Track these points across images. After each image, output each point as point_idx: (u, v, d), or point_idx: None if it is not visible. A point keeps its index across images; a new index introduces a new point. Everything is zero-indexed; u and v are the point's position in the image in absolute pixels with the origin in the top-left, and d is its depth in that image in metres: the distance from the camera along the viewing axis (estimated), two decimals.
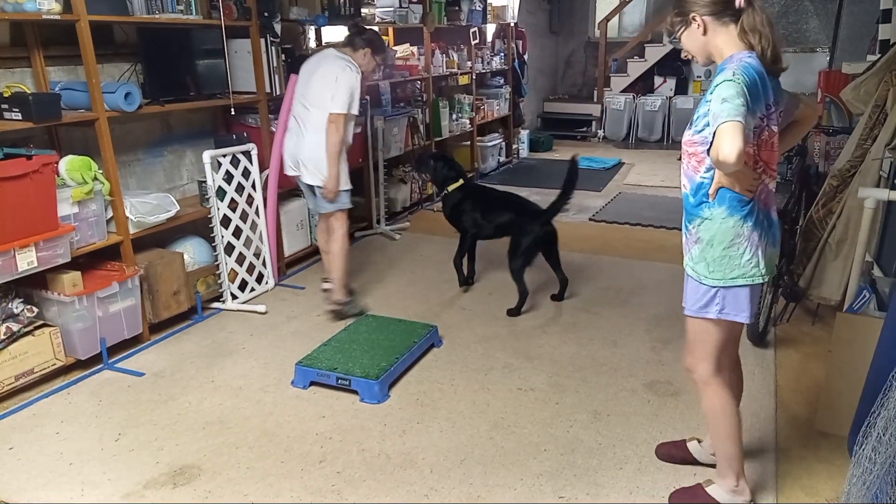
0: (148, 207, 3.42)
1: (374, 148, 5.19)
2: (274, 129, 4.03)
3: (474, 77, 6.99)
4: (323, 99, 3.38)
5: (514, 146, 8.19)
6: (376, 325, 3.42)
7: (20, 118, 2.87)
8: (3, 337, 2.86)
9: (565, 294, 4.01)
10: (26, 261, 2.83)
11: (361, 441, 2.63)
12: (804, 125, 2.19)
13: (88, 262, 3.22)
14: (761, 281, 1.97)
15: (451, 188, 4.10)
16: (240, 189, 3.92)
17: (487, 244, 4.11)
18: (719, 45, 1.91)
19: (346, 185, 3.56)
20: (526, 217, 3.90)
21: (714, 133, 1.73)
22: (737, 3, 1.87)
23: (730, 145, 1.67)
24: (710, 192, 1.91)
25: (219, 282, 3.88)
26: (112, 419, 2.79)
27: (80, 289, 3.05)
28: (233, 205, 3.88)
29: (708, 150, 1.84)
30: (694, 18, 1.91)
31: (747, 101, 1.74)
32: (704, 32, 1.91)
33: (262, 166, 4.06)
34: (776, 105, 1.93)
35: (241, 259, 3.96)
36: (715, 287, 1.96)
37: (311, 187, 3.61)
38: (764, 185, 1.94)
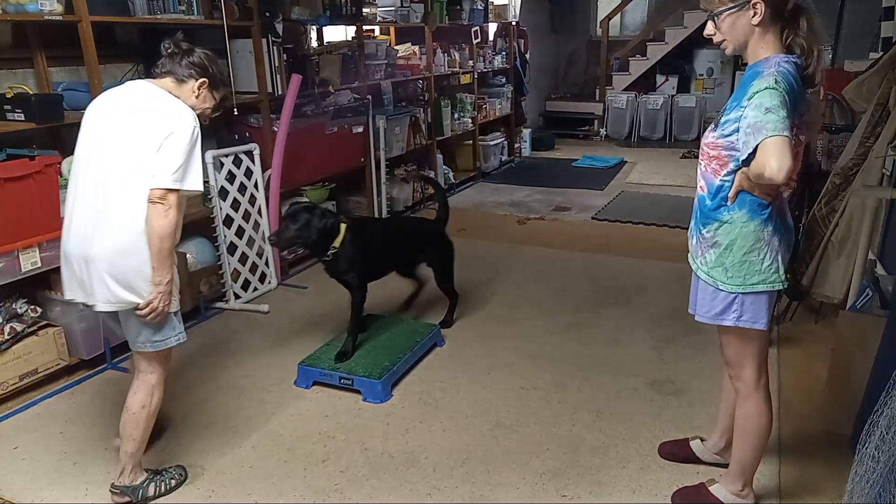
0: None
1: (376, 147, 5.19)
2: (276, 129, 4.04)
3: (476, 76, 6.99)
4: (138, 164, 2.05)
5: (517, 145, 8.20)
6: (379, 324, 3.42)
7: (23, 119, 2.88)
8: (7, 337, 2.87)
9: (415, 301, 3.80)
10: (30, 261, 2.84)
11: (364, 440, 2.63)
12: (811, 128, 2.16)
13: None
14: (780, 287, 1.92)
15: (337, 242, 3.04)
16: (242, 189, 3.92)
17: (483, 248, 4.07)
18: (761, 44, 1.81)
19: (177, 303, 2.20)
20: (432, 229, 3.60)
21: (756, 146, 1.67)
22: (790, 4, 1.77)
23: (778, 163, 1.62)
24: (730, 195, 1.86)
25: (221, 282, 3.88)
26: (116, 418, 2.77)
27: None
28: (235, 205, 3.89)
29: (744, 161, 1.78)
30: (755, 5, 1.76)
31: (788, 110, 1.68)
32: (759, 24, 1.78)
33: (265, 166, 4.06)
34: (805, 114, 1.86)
35: (243, 259, 3.96)
36: (734, 293, 1.92)
37: (112, 312, 2.18)
38: (779, 192, 1.89)
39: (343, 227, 3.06)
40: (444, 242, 3.59)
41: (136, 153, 2.06)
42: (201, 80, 2.23)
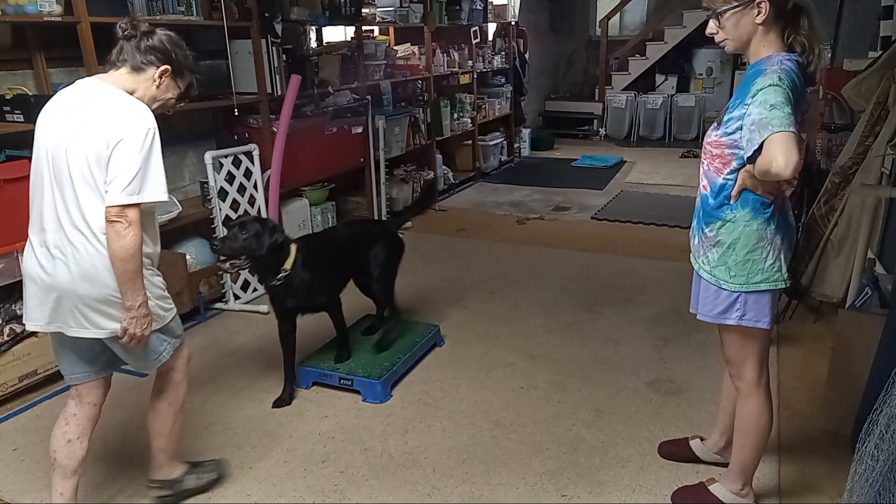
0: None
1: (376, 147, 5.19)
2: (275, 130, 4.04)
3: (475, 76, 6.99)
4: (91, 180, 1.85)
5: (516, 145, 8.20)
6: (378, 325, 3.42)
7: (22, 120, 2.88)
8: (6, 339, 2.87)
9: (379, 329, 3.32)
10: None
11: (364, 441, 2.63)
12: (810, 128, 2.17)
13: None
14: (783, 285, 1.93)
15: (288, 264, 2.77)
16: (241, 189, 3.92)
17: (483, 248, 4.06)
18: (763, 43, 1.82)
19: (166, 314, 2.04)
20: (378, 229, 3.39)
21: (761, 143, 1.68)
22: (791, 2, 1.78)
23: (785, 158, 1.62)
24: (733, 193, 1.87)
25: (221, 282, 3.88)
26: (115, 420, 2.80)
27: None
28: (235, 205, 3.89)
29: (749, 158, 1.79)
30: (759, 4, 1.77)
31: (792, 107, 1.68)
32: (763, 23, 1.79)
33: (264, 167, 4.06)
34: (806, 112, 1.88)
35: None
36: (736, 292, 1.92)
37: (90, 341, 2.00)
38: (781, 190, 1.90)
39: (294, 247, 2.80)
40: (391, 241, 3.28)
41: (87, 167, 1.83)
42: (163, 67, 1.98)
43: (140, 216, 1.85)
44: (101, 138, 1.83)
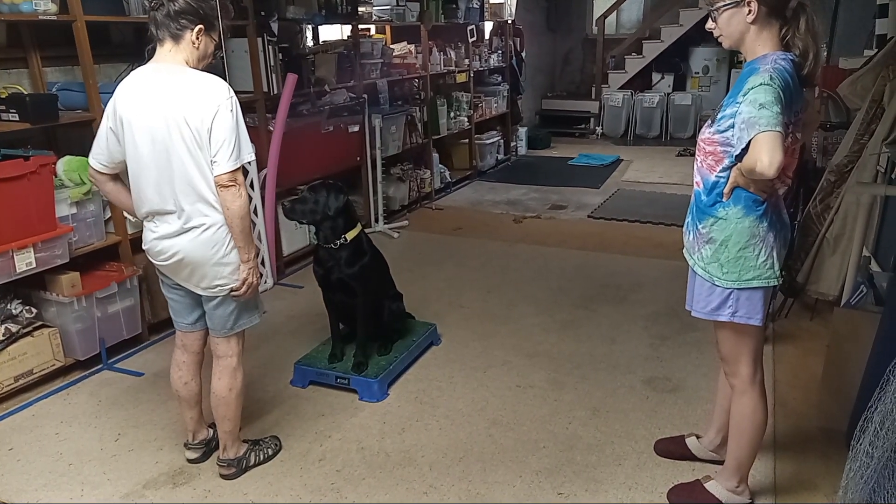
0: None
1: (372, 146, 5.18)
2: (271, 129, 4.03)
3: (472, 75, 6.99)
4: (196, 158, 2.06)
5: (513, 143, 8.19)
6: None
7: (17, 119, 2.87)
8: (2, 338, 2.86)
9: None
10: (25, 262, 2.83)
11: (361, 439, 2.64)
12: (809, 128, 2.17)
13: (87, 262, 3.21)
14: (775, 283, 1.94)
15: (350, 235, 2.91)
16: None
17: (480, 247, 4.03)
18: (758, 41, 1.83)
19: (263, 277, 2.43)
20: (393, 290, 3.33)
21: (749, 141, 1.69)
22: (791, 3, 1.79)
23: (769, 158, 1.63)
24: (725, 191, 1.88)
25: None
26: (111, 419, 2.80)
27: (79, 289, 3.05)
28: None
29: (737, 157, 1.80)
30: (749, 3, 1.78)
31: (782, 107, 1.69)
32: (754, 21, 1.80)
33: (260, 166, 4.05)
34: (801, 112, 1.88)
35: None
36: (729, 289, 1.93)
37: (197, 297, 2.28)
38: (774, 188, 1.91)
39: (360, 226, 2.98)
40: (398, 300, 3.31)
41: (193, 143, 2.03)
42: (197, 27, 2.08)
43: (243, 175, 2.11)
44: (199, 114, 2.02)
